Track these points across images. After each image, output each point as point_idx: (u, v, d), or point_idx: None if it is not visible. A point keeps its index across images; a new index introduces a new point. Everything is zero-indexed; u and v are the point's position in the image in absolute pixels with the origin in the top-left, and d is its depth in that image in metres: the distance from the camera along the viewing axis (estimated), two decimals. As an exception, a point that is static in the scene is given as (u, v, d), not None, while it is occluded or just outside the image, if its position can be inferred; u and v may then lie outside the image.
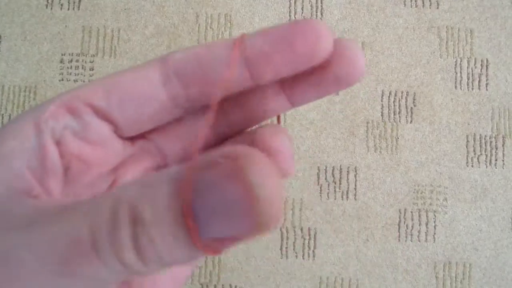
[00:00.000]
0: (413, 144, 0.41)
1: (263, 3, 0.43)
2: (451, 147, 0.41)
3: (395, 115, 0.41)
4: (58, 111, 0.13)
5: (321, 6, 0.43)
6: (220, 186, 0.09)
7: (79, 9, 0.43)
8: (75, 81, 0.42)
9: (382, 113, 0.41)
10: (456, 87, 0.42)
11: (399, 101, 0.42)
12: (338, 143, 0.41)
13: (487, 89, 0.42)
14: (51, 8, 0.43)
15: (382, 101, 0.42)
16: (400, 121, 0.41)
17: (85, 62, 0.42)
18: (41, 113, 0.13)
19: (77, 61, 0.42)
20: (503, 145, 0.41)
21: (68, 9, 0.42)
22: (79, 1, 0.43)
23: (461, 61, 0.42)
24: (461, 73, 0.42)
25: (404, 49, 0.42)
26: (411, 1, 0.43)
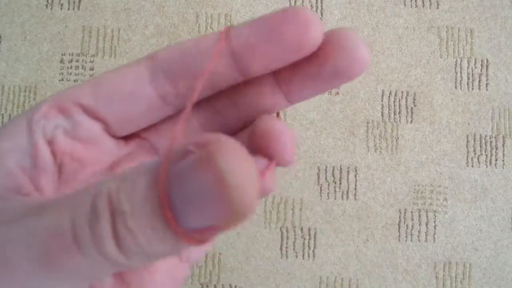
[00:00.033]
0: (413, 144, 0.41)
1: (263, 3, 0.43)
2: (451, 147, 0.41)
3: (395, 115, 0.41)
4: (49, 111, 0.13)
5: (321, 6, 0.43)
6: (193, 174, 0.09)
7: (79, 9, 0.42)
8: (75, 81, 0.42)
9: (382, 113, 0.41)
10: (456, 87, 0.42)
11: (399, 101, 0.42)
12: (338, 143, 0.41)
13: (487, 89, 0.42)
14: (51, 8, 0.43)
15: (382, 101, 0.42)
16: (400, 121, 0.41)
17: (85, 62, 0.42)
18: (33, 114, 0.13)
19: (77, 61, 0.42)
20: (503, 145, 0.41)
21: (68, 9, 0.42)
22: (79, 1, 0.43)
23: (461, 61, 0.42)
24: (461, 73, 0.42)
25: (404, 49, 0.42)
26: (411, 1, 0.43)
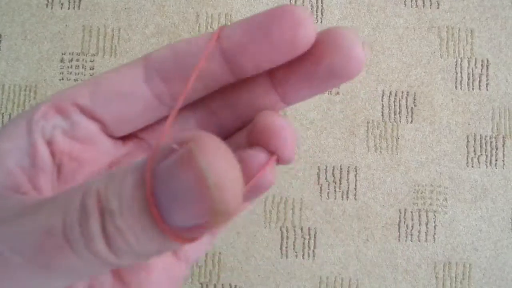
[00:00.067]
0: (413, 144, 0.41)
1: (263, 2, 0.43)
2: (451, 147, 0.41)
3: (395, 115, 0.41)
4: (48, 112, 0.13)
5: (322, 6, 0.43)
6: (175, 173, 0.09)
7: (79, 9, 0.43)
8: (76, 80, 0.42)
9: (382, 113, 0.41)
10: (456, 87, 0.42)
11: (400, 101, 0.42)
12: (338, 143, 0.41)
13: (487, 89, 0.42)
14: (52, 7, 0.43)
15: (382, 101, 0.42)
16: (400, 121, 0.41)
17: (86, 61, 0.42)
18: (32, 114, 0.13)
19: (78, 60, 0.42)
20: (503, 145, 0.41)
21: (68, 8, 0.42)
22: (80, 0, 0.43)
23: (461, 61, 0.42)
24: (461, 73, 0.42)
25: (404, 49, 0.42)
26: (412, 1, 0.43)
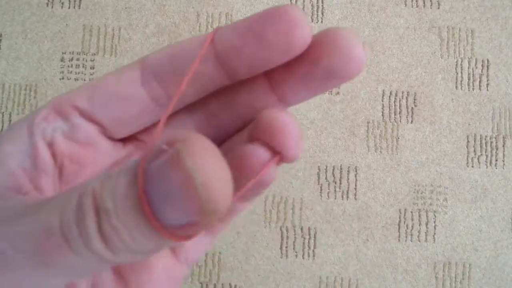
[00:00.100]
0: (414, 144, 0.41)
1: (264, 2, 0.43)
2: (451, 147, 0.41)
3: (395, 115, 0.41)
4: (48, 115, 0.14)
5: (322, 5, 0.43)
6: (164, 173, 0.09)
7: (79, 8, 0.42)
8: (76, 79, 0.42)
9: (382, 113, 0.41)
10: (456, 87, 0.42)
11: (400, 101, 0.42)
12: (338, 143, 0.41)
13: (487, 90, 0.42)
14: (52, 6, 0.43)
15: (382, 101, 0.42)
16: (400, 121, 0.41)
17: (86, 60, 0.42)
18: (33, 117, 0.14)
19: (78, 59, 0.42)
20: (503, 146, 0.41)
21: (69, 7, 0.42)
22: (80, -1, 0.43)
23: (462, 61, 0.42)
24: (461, 73, 0.42)
25: (405, 49, 0.42)
26: (412, 1, 0.43)
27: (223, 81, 0.13)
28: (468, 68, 0.42)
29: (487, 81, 0.42)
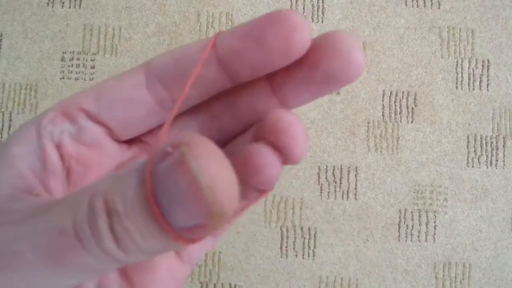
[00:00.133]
0: (414, 144, 0.41)
1: (264, 2, 0.43)
2: (451, 148, 0.41)
3: (396, 115, 0.41)
4: (55, 117, 0.14)
5: (322, 5, 0.43)
6: (170, 176, 0.09)
7: (80, 7, 0.43)
8: (76, 79, 0.42)
9: (383, 113, 0.41)
10: (457, 87, 0.42)
11: (400, 101, 0.42)
12: (338, 143, 0.41)
13: (488, 90, 0.42)
14: (52, 6, 0.43)
15: (383, 101, 0.42)
16: (401, 121, 0.41)
17: (86, 60, 0.42)
18: (41, 119, 0.14)
19: (78, 59, 0.42)
20: (503, 146, 0.41)
21: (69, 7, 0.42)
22: (81, -1, 0.43)
23: (462, 62, 0.42)
24: (462, 73, 0.42)
25: (405, 49, 0.42)
26: (413, 1, 0.43)
27: (225, 84, 0.14)
28: (468, 68, 0.42)
29: (488, 81, 0.42)
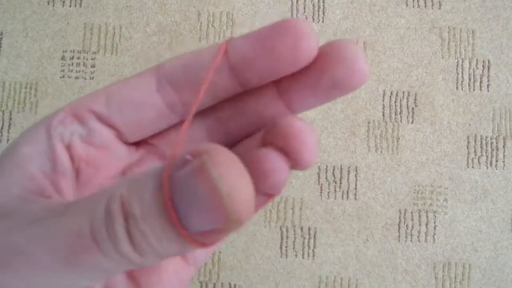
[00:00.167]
0: (414, 144, 0.41)
1: (265, 1, 0.43)
2: (451, 148, 0.41)
3: (396, 115, 0.41)
4: (65, 118, 0.14)
5: (323, 5, 0.43)
6: (190, 183, 0.10)
7: (81, 6, 0.42)
8: (76, 78, 0.42)
9: (383, 113, 0.41)
10: (457, 88, 0.42)
11: (400, 101, 0.42)
12: (339, 143, 0.41)
13: (488, 90, 0.42)
14: (53, 4, 0.42)
15: (383, 101, 0.42)
16: (401, 121, 0.41)
17: (87, 59, 0.42)
18: (51, 121, 0.14)
19: (79, 58, 0.42)
20: (503, 146, 0.41)
21: (70, 6, 0.42)
22: (81, -2, 0.43)
23: (462, 62, 0.42)
24: (462, 74, 0.42)
25: (405, 49, 0.42)
26: (413, 1, 0.43)
27: (235, 89, 0.14)
28: (469, 68, 0.42)
29: (488, 81, 0.42)
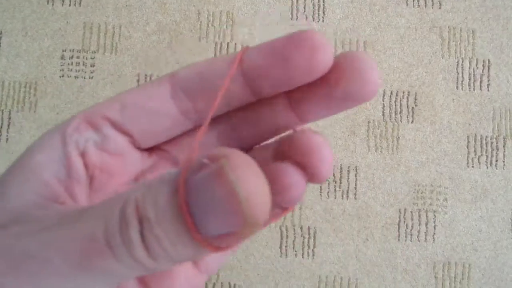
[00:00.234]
0: (414, 144, 0.41)
1: (265, 1, 0.43)
2: (451, 148, 0.41)
3: (396, 115, 0.41)
4: (80, 125, 0.14)
5: (323, 5, 0.43)
6: (207, 187, 0.10)
7: (80, 5, 0.42)
8: (76, 77, 0.41)
9: (383, 112, 0.41)
10: (457, 87, 0.42)
11: (401, 101, 0.42)
12: (339, 142, 0.41)
13: (488, 90, 0.42)
14: (52, 3, 0.42)
15: (383, 101, 0.42)
16: (401, 121, 0.41)
17: (86, 58, 0.42)
18: (66, 128, 0.14)
19: (78, 57, 0.42)
20: (503, 146, 0.41)
21: (69, 5, 0.42)
22: (81, -3, 0.43)
23: (462, 62, 0.42)
24: (462, 73, 0.42)
25: (406, 49, 0.42)
26: (413, 0, 0.43)
27: (248, 98, 0.14)
28: (469, 68, 0.42)
29: (488, 81, 0.42)
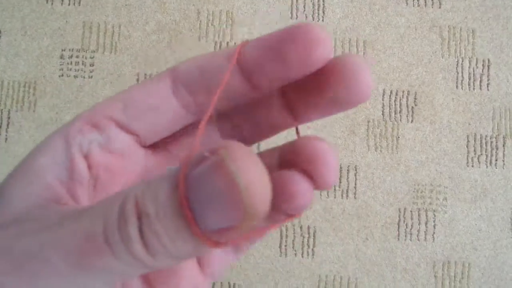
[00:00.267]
0: (414, 143, 0.41)
1: (264, 0, 0.43)
2: (451, 147, 0.41)
3: (396, 114, 0.41)
4: (83, 127, 0.14)
5: (323, 4, 0.43)
6: (207, 179, 0.10)
7: (79, 5, 0.42)
8: (75, 77, 0.41)
9: (383, 112, 0.41)
10: (457, 87, 0.42)
11: (400, 100, 0.42)
12: (338, 142, 0.41)
13: (488, 89, 0.42)
14: (52, 3, 0.42)
15: (383, 100, 0.42)
16: (401, 120, 0.41)
17: (85, 58, 0.42)
18: (69, 130, 0.14)
19: (77, 56, 0.42)
20: (503, 145, 0.41)
21: (68, 4, 0.42)
22: (80, -4, 0.43)
23: (462, 61, 0.42)
24: (462, 73, 0.42)
25: (405, 48, 0.42)
26: (413, 0, 0.43)
27: (249, 92, 0.14)
28: (468, 67, 0.42)
29: (488, 81, 0.42)
